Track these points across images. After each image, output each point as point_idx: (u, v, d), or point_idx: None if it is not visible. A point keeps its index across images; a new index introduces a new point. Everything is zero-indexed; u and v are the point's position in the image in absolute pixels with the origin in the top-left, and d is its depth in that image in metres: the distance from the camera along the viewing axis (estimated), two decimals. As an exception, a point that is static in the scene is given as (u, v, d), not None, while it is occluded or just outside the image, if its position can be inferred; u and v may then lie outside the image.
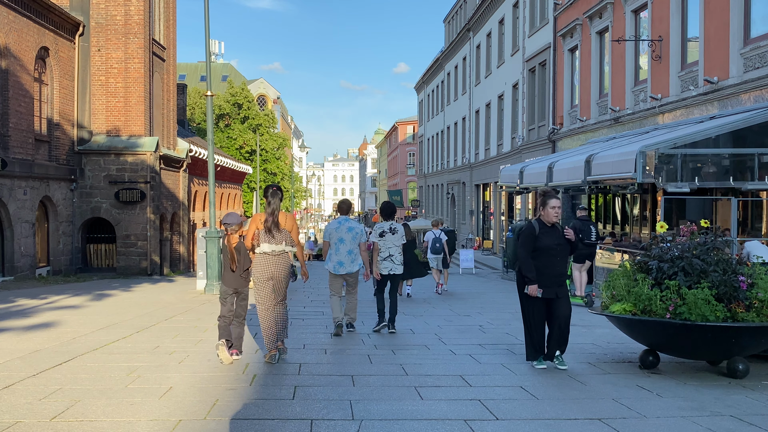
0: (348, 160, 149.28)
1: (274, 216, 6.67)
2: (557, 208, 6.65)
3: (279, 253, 6.67)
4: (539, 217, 6.76)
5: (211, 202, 15.70)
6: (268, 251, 6.64)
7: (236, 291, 6.97)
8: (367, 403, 5.29)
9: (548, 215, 6.67)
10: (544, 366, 6.64)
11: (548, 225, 6.67)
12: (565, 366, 6.62)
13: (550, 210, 6.66)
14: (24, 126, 18.91)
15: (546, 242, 6.58)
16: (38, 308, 11.54)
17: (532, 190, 21.20)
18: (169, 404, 5.23)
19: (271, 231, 6.63)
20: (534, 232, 6.63)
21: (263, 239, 6.66)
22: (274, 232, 6.64)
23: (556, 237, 6.66)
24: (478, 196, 36.92)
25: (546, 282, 6.55)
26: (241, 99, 53.46)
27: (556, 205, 6.66)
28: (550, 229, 6.67)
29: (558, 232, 6.71)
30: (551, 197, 6.71)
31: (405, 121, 73.87)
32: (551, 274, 6.58)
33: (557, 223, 6.74)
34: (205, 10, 15.38)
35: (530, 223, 6.81)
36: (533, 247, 6.58)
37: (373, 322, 9.40)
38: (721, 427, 4.77)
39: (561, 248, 6.66)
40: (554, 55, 24.21)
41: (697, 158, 12.21)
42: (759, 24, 13.00)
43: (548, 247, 6.58)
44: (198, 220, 30.28)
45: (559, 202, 6.70)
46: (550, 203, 6.66)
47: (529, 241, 6.61)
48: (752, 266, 6.49)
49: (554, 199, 6.69)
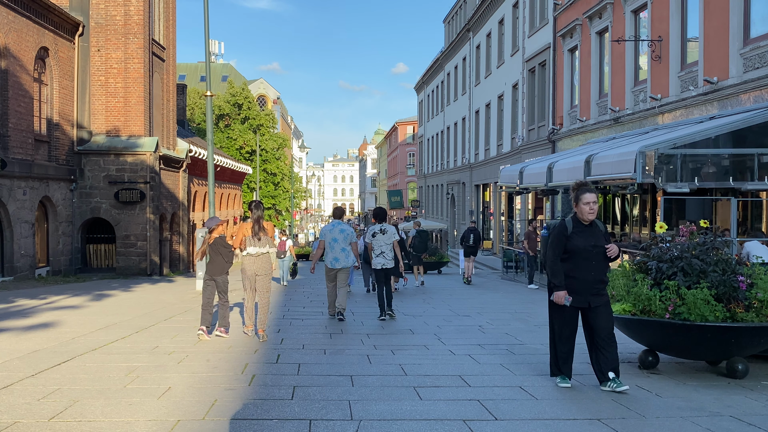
0: (348, 161, 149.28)
1: (260, 223, 8.13)
2: (593, 204, 5.75)
3: (262, 254, 8.19)
4: (574, 214, 5.92)
5: (211, 203, 15.70)
6: (253, 253, 8.16)
7: (212, 278, 8.40)
8: (366, 404, 5.28)
9: (582, 212, 5.80)
10: (568, 385, 5.87)
11: (584, 223, 5.83)
12: (624, 386, 5.64)
13: (584, 206, 5.78)
14: (24, 126, 18.91)
15: (579, 243, 5.74)
16: (38, 308, 11.54)
17: (531, 191, 21.19)
18: (168, 404, 5.22)
19: (258, 236, 8.09)
20: (565, 231, 5.81)
21: (249, 243, 8.14)
22: (261, 236, 8.10)
23: (592, 237, 5.78)
24: (477, 196, 36.91)
25: (578, 288, 5.72)
26: (241, 99, 53.46)
27: (591, 200, 5.77)
28: (585, 229, 5.81)
29: (596, 231, 5.83)
30: (585, 191, 5.82)
31: (405, 121, 73.87)
32: (585, 280, 5.73)
33: (595, 221, 5.88)
34: (205, 11, 15.38)
35: (562, 221, 5.96)
36: (564, 249, 5.79)
37: (372, 322, 9.91)
38: (721, 427, 4.76)
39: (597, 251, 5.75)
40: (554, 55, 24.21)
41: (697, 158, 12.21)
42: (759, 24, 13.00)
43: (582, 249, 5.73)
44: (198, 221, 30.27)
45: (594, 196, 5.80)
46: (584, 198, 5.79)
47: (558, 242, 5.81)
48: (752, 266, 6.48)
49: (588, 192, 5.80)
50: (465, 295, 15.34)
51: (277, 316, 10.75)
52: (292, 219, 64.83)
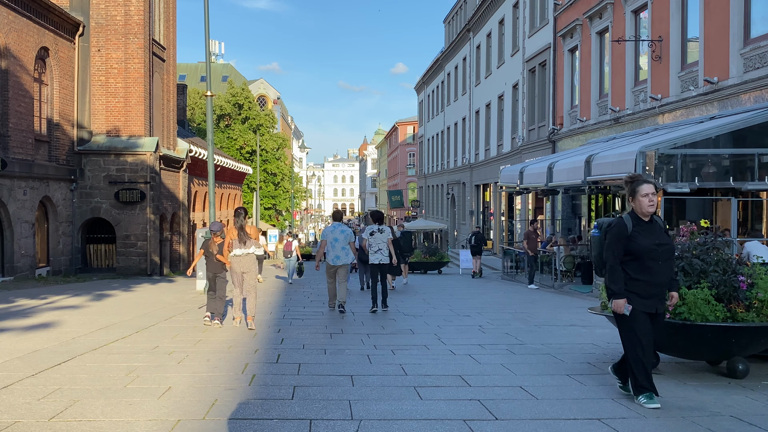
0: (348, 161, 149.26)
1: (243, 229, 9.27)
2: (651, 195, 5.15)
3: (247, 254, 9.28)
4: (631, 210, 5.30)
5: (211, 203, 15.71)
6: (239, 254, 9.29)
7: (215, 275, 9.63)
8: (366, 403, 5.28)
9: (641, 206, 5.17)
10: (657, 405, 5.13)
11: (644, 219, 5.22)
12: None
13: (642, 199, 5.16)
14: (24, 126, 18.91)
15: (643, 242, 5.14)
16: (38, 308, 11.54)
17: (532, 191, 21.19)
18: (168, 404, 5.22)
19: (242, 240, 9.24)
20: (625, 230, 5.18)
21: (235, 246, 9.29)
22: (245, 239, 9.24)
23: (655, 235, 5.19)
24: (478, 196, 36.91)
25: (647, 292, 5.14)
26: (241, 99, 53.46)
27: (649, 191, 5.16)
28: (646, 226, 5.21)
29: (657, 228, 5.25)
30: (641, 182, 5.23)
31: (405, 121, 73.87)
32: (653, 283, 5.15)
33: (655, 216, 5.31)
34: (205, 11, 15.39)
35: (621, 219, 5.32)
36: (625, 250, 5.19)
37: (372, 322, 9.90)
38: (721, 427, 4.76)
39: (663, 249, 5.18)
40: (554, 55, 24.21)
41: (697, 158, 12.21)
42: (759, 24, 13.00)
43: (645, 249, 5.13)
44: (198, 221, 30.27)
45: (652, 187, 5.20)
46: (641, 190, 5.17)
47: (618, 243, 5.19)
48: (752, 266, 6.47)
49: (645, 184, 5.20)
50: (465, 295, 15.34)
51: (278, 316, 10.75)
52: (293, 219, 64.83)
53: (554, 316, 11.07)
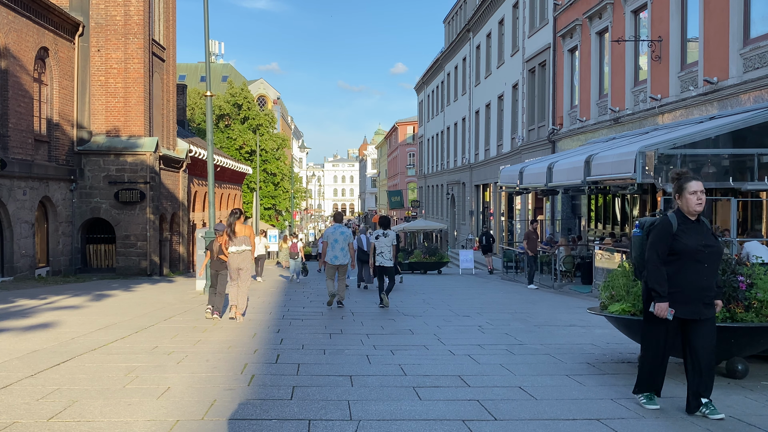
0: (348, 161, 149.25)
1: (232, 228, 10.10)
2: (700, 193, 4.86)
3: (241, 251, 10.13)
4: (677, 208, 5.02)
5: (211, 203, 15.70)
6: (233, 251, 10.13)
7: (217, 272, 10.48)
8: (366, 404, 5.28)
9: (689, 204, 4.89)
10: (657, 407, 5.12)
11: (690, 218, 4.94)
12: (720, 415, 4.87)
13: (690, 197, 4.88)
14: (23, 126, 18.91)
15: (687, 243, 4.86)
16: (37, 308, 11.53)
17: (531, 191, 21.19)
18: (167, 404, 5.22)
19: (232, 238, 10.10)
20: (670, 229, 4.90)
21: (230, 244, 10.13)
22: (234, 239, 10.09)
23: (702, 236, 4.91)
24: (477, 196, 36.91)
25: (684, 297, 4.87)
26: (241, 99, 53.45)
27: (698, 188, 4.86)
28: (693, 225, 4.92)
29: (704, 228, 4.96)
30: (689, 179, 4.94)
31: (405, 121, 73.89)
32: (694, 287, 4.87)
33: (702, 216, 5.01)
34: (205, 11, 15.38)
35: (665, 217, 5.01)
36: (669, 250, 4.91)
37: (372, 322, 9.99)
38: (721, 427, 4.75)
39: (710, 251, 4.88)
40: (554, 55, 24.20)
41: (697, 158, 12.21)
42: (758, 24, 12.99)
43: (691, 250, 4.85)
44: (198, 221, 30.27)
45: (701, 184, 4.89)
46: (689, 187, 4.88)
47: (662, 242, 4.91)
48: (751, 266, 6.46)
49: (694, 181, 4.91)
50: (464, 296, 15.34)
51: (277, 316, 10.75)
52: (292, 219, 64.83)
53: (554, 317, 11.07)
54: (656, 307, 4.90)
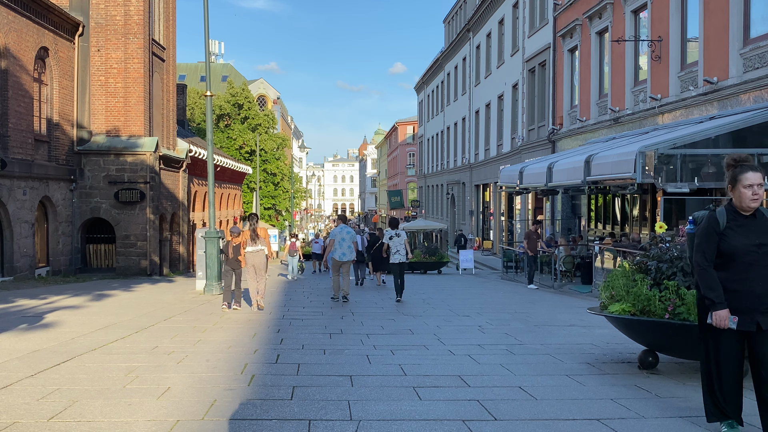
0: (348, 161, 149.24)
1: (255, 231, 11.49)
2: (757, 187, 4.15)
3: (257, 251, 11.47)
4: (729, 202, 4.35)
5: (211, 203, 15.70)
6: (250, 251, 11.47)
7: (233, 269, 11.45)
8: (366, 404, 5.28)
9: (742, 198, 4.20)
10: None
11: (744, 214, 4.25)
12: None
13: (744, 190, 4.18)
14: (23, 126, 18.90)
15: (738, 242, 4.20)
16: (37, 308, 11.53)
17: (531, 191, 21.19)
18: (167, 404, 5.22)
19: (253, 239, 11.43)
20: (716, 227, 4.26)
21: (248, 244, 11.47)
22: (255, 240, 11.43)
23: (756, 233, 4.20)
24: (477, 196, 36.91)
25: (740, 305, 4.19)
26: (241, 99, 53.45)
27: (754, 181, 4.16)
28: (746, 222, 4.24)
29: (761, 224, 4.23)
30: (746, 169, 4.22)
31: (405, 121, 73.90)
32: (750, 293, 4.17)
33: (760, 209, 4.27)
34: (205, 11, 15.38)
35: (713, 212, 4.36)
36: (717, 250, 4.27)
37: (372, 322, 10.07)
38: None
39: (765, 251, 4.17)
40: (554, 55, 24.20)
41: (697, 158, 12.21)
42: (758, 24, 12.99)
43: (743, 250, 4.18)
44: (198, 221, 30.27)
45: (759, 176, 4.18)
46: (743, 179, 4.19)
47: (708, 242, 4.28)
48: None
49: (751, 171, 4.19)
50: (464, 295, 15.34)
51: (277, 316, 10.75)
52: (292, 219, 64.82)
53: (554, 317, 11.07)
54: (714, 317, 4.23)
